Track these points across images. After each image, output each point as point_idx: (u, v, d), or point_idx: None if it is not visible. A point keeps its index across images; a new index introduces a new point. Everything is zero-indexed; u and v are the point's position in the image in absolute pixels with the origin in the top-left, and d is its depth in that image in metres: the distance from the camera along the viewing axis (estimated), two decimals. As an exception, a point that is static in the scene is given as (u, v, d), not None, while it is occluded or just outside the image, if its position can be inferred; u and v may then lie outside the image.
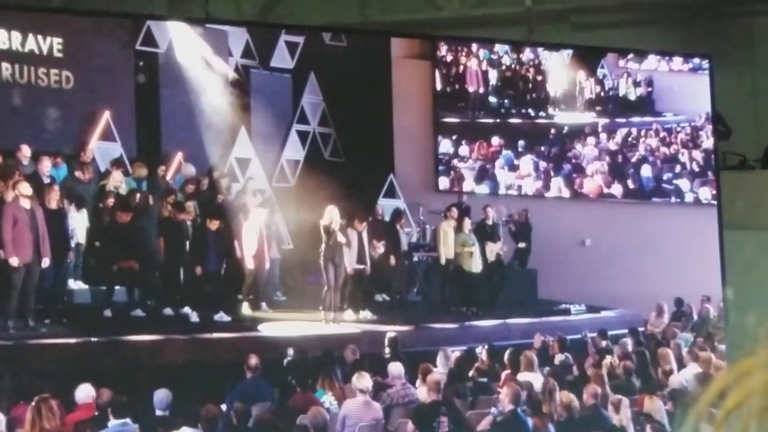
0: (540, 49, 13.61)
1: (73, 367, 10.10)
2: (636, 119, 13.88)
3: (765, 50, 14.08)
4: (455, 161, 13.26)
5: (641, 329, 12.63)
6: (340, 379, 10.53)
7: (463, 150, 13.32)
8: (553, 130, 13.51)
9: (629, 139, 13.73)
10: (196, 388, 10.07)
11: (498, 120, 13.48)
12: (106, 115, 11.78)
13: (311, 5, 14.11)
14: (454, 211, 12.65)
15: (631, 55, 13.94)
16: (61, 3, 13.52)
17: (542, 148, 13.43)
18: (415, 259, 13.02)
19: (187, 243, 11.59)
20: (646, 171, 13.65)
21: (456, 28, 14.15)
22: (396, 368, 10.70)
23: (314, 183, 12.08)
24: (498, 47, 13.55)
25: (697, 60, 13.40)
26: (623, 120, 13.84)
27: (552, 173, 13.42)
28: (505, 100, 13.58)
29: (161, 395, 9.58)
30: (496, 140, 13.33)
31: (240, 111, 12.38)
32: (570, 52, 13.65)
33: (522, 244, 13.15)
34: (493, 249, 12.85)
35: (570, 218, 13.21)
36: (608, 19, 14.38)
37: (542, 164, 13.41)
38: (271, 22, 13.87)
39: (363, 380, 10.16)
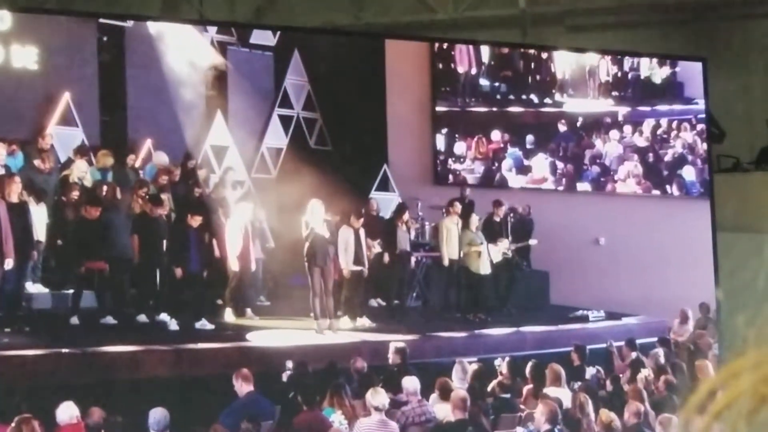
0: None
1: (44, 382, 9.70)
2: (663, 107, 13.17)
3: (759, 53, 14.57)
4: (451, 161, 12.68)
5: (669, 338, 12.19)
6: (349, 395, 9.99)
7: (459, 147, 12.74)
8: (564, 122, 12.87)
9: (658, 132, 13.05)
10: (185, 406, 9.59)
11: (495, 108, 12.89)
12: (65, 97, 11.29)
13: (306, 6, 14.47)
14: (458, 206, 12.13)
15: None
16: (55, 2, 13.59)
17: (554, 145, 12.77)
18: (414, 259, 12.49)
19: (164, 242, 11.02)
20: (689, 173, 12.95)
21: (450, 30, 14.51)
22: (411, 383, 10.28)
23: (298, 174, 11.75)
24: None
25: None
26: (648, 108, 13.16)
27: (574, 176, 12.80)
28: (502, 84, 12.95)
29: (158, 415, 9.19)
30: (497, 135, 12.74)
31: (216, 93, 12.10)
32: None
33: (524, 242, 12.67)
34: (501, 248, 12.34)
35: (582, 214, 12.76)
36: (602, 22, 14.98)
37: (559, 165, 12.77)
38: (265, 24, 13.81)
39: (379, 397, 9.72)
